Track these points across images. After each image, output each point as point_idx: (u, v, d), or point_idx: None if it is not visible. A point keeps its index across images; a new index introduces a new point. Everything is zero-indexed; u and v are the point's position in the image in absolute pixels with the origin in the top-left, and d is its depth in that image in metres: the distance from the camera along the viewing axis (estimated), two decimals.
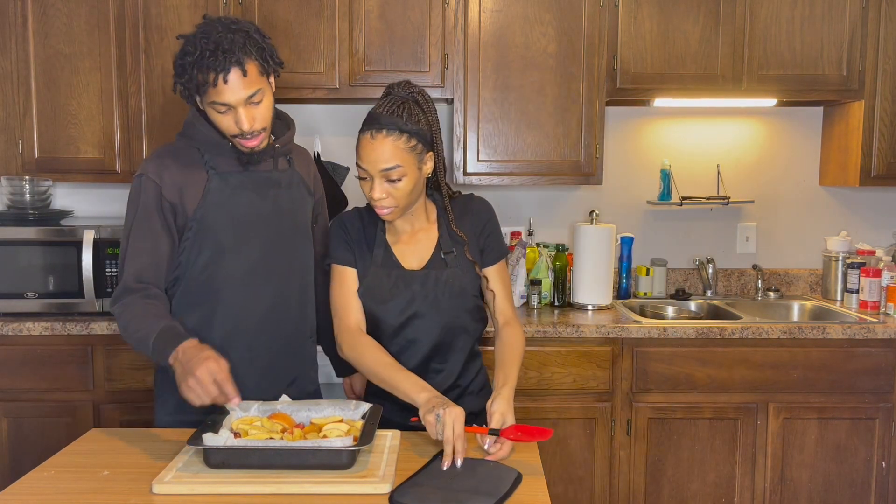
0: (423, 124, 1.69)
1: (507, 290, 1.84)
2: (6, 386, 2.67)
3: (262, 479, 1.41)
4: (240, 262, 1.82)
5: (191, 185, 1.79)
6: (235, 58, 1.66)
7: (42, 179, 2.91)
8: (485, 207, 1.85)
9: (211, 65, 1.65)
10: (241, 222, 1.81)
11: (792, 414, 2.71)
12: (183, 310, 1.83)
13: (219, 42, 1.66)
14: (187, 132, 1.83)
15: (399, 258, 1.78)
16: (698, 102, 3.14)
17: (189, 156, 1.81)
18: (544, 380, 2.67)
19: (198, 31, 1.71)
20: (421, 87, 1.74)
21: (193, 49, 1.67)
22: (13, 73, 2.84)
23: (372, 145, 1.65)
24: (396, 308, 1.75)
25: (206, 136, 1.80)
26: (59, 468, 1.53)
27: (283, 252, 1.87)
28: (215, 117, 1.74)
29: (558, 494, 2.70)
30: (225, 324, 1.83)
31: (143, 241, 1.76)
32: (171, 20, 2.83)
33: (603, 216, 3.25)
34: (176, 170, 1.79)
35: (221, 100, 1.69)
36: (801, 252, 3.35)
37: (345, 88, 2.87)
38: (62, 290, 2.74)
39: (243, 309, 1.83)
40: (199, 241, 1.79)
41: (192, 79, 1.69)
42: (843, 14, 2.91)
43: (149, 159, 1.82)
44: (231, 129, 1.74)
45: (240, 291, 1.82)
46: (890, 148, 2.96)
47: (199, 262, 1.81)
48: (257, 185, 1.83)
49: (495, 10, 2.86)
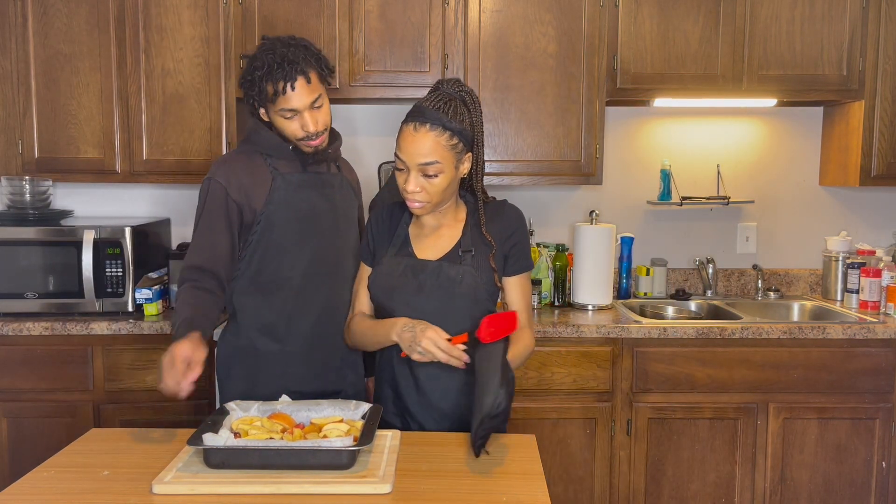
0: (466, 124, 1.69)
1: (526, 303, 1.83)
2: (6, 386, 2.67)
3: (262, 479, 1.41)
4: (306, 253, 1.97)
5: (257, 185, 1.95)
6: (300, 68, 1.88)
7: (42, 179, 2.91)
8: (516, 216, 1.83)
9: (279, 76, 1.87)
10: (303, 217, 1.98)
11: (792, 414, 2.71)
12: (253, 302, 1.98)
13: (284, 55, 1.87)
14: (251, 138, 2.01)
15: (415, 249, 1.79)
16: (698, 102, 3.14)
17: (253, 159, 1.99)
18: (544, 380, 2.67)
19: (262, 48, 1.92)
20: (470, 87, 1.75)
21: (262, 64, 1.88)
22: (13, 73, 2.84)
23: (413, 137, 1.67)
24: (403, 296, 1.74)
25: (268, 142, 1.98)
26: (59, 468, 1.53)
27: (339, 246, 2.03)
28: (283, 124, 1.94)
29: (558, 494, 2.70)
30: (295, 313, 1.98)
31: (205, 238, 1.93)
32: (171, 20, 2.83)
33: (603, 216, 3.25)
34: (242, 172, 1.96)
35: (290, 106, 1.89)
36: (801, 252, 3.35)
37: (345, 88, 2.87)
38: (62, 290, 2.74)
39: (309, 297, 1.98)
40: (266, 236, 1.95)
41: (263, 91, 1.90)
42: (843, 14, 2.91)
43: (216, 164, 1.99)
44: (297, 132, 1.93)
45: (307, 281, 1.98)
46: (890, 148, 2.97)
47: (268, 256, 1.96)
48: (316, 184, 2.02)
49: (495, 10, 2.86)
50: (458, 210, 1.82)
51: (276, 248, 1.96)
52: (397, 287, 1.75)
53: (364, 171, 3.24)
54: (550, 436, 2.69)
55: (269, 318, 1.98)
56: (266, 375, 1.98)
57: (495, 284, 1.77)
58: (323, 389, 1.98)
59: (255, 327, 1.99)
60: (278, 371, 1.98)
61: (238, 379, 2.01)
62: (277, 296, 1.98)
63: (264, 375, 1.98)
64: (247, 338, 2.00)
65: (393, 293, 1.75)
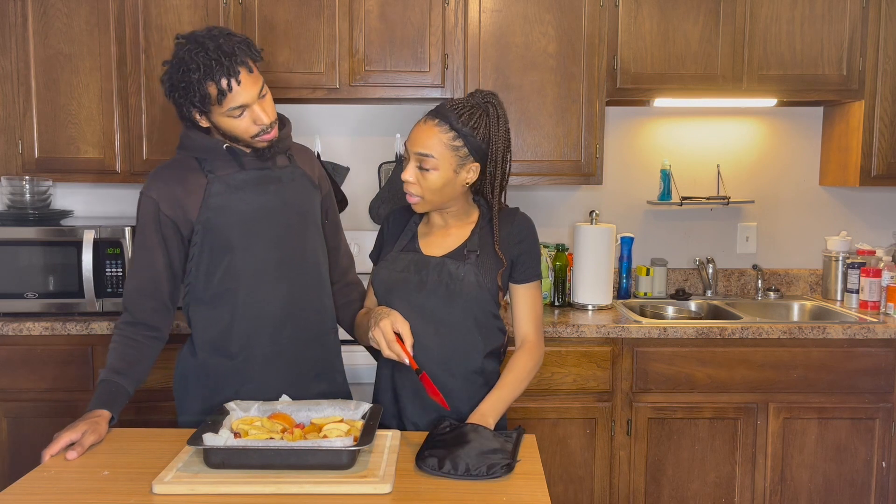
0: (479, 134, 1.68)
1: (534, 313, 1.79)
2: (6, 386, 2.67)
3: (262, 479, 1.41)
4: (251, 258, 1.84)
5: (190, 193, 1.81)
6: (239, 59, 1.71)
7: (42, 179, 2.91)
8: (526, 224, 1.80)
9: (220, 73, 1.69)
10: (246, 219, 1.83)
11: (792, 414, 2.71)
12: (202, 315, 1.86)
13: (218, 49, 1.69)
14: (184, 143, 1.86)
15: (422, 246, 1.79)
16: (698, 102, 3.14)
17: (188, 165, 1.84)
18: (544, 380, 2.67)
19: (185, 49, 1.71)
20: (503, 105, 1.73)
21: (196, 65, 1.69)
22: (13, 73, 2.84)
23: (420, 128, 1.69)
24: (404, 292, 1.73)
25: (201, 144, 1.83)
26: (59, 468, 1.53)
27: (295, 244, 1.89)
28: (232, 124, 1.77)
29: (558, 494, 2.70)
30: (245, 322, 1.85)
31: (140, 259, 1.83)
32: (171, 20, 2.83)
33: (603, 216, 3.25)
34: (174, 182, 1.82)
35: (238, 103, 1.73)
36: (801, 252, 3.35)
37: (345, 88, 2.87)
38: (62, 290, 2.74)
39: (262, 305, 1.85)
40: (208, 244, 1.82)
41: (205, 94, 1.71)
42: (843, 14, 2.91)
43: (151, 176, 1.85)
44: (250, 129, 1.77)
45: (256, 288, 1.84)
46: (890, 148, 2.96)
47: (212, 265, 1.83)
48: (258, 182, 1.85)
49: (495, 10, 2.86)
50: (470, 212, 1.80)
51: (218, 257, 1.82)
52: (399, 283, 1.75)
53: (364, 171, 3.25)
54: (550, 436, 2.69)
55: (218, 332, 1.84)
56: (221, 394, 1.84)
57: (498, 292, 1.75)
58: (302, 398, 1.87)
59: (207, 342, 1.86)
60: (233, 389, 1.85)
61: (194, 398, 1.88)
62: (225, 308, 1.84)
63: (220, 395, 1.84)
64: (201, 354, 1.86)
65: (394, 289, 1.75)
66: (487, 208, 1.79)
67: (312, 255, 1.92)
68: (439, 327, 1.72)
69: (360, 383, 2.54)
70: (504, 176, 1.74)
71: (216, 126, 1.79)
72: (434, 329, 1.72)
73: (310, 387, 1.91)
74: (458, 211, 1.78)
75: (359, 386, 2.44)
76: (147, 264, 1.82)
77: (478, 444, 1.52)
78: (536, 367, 1.78)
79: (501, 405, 1.70)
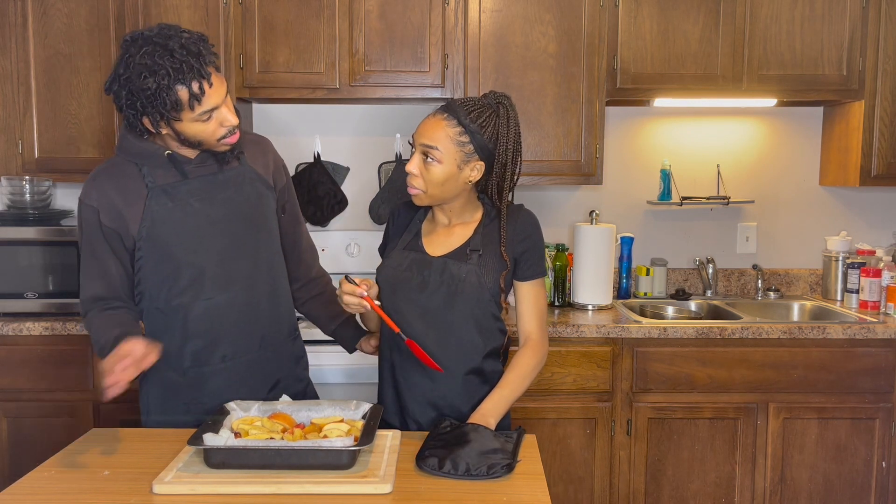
0: (487, 133, 1.68)
1: (537, 310, 1.78)
2: (6, 386, 2.67)
3: (262, 479, 1.41)
4: (198, 273, 1.76)
5: (129, 204, 1.72)
6: (207, 59, 1.62)
7: (42, 179, 2.91)
8: (530, 221, 1.78)
9: (191, 76, 1.59)
10: (190, 233, 1.74)
11: (792, 414, 2.71)
12: (153, 328, 1.80)
13: (184, 50, 1.59)
14: (123, 146, 1.76)
15: (425, 245, 1.78)
16: (698, 102, 3.14)
17: (127, 172, 1.74)
18: (544, 380, 2.67)
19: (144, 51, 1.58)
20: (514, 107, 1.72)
21: (163, 69, 1.56)
22: (13, 73, 2.84)
23: (428, 120, 1.70)
24: (406, 291, 1.73)
25: (140, 149, 1.72)
26: (59, 468, 1.53)
27: (244, 255, 1.80)
28: (199, 129, 1.66)
29: (558, 494, 2.70)
30: (195, 338, 1.78)
31: (93, 268, 1.75)
32: (171, 20, 2.82)
33: (603, 216, 3.25)
34: (114, 192, 1.72)
35: (209, 105, 1.63)
36: (801, 252, 3.35)
37: (345, 88, 2.87)
38: (62, 290, 2.74)
39: (211, 319, 1.78)
40: (152, 259, 1.75)
41: (175, 100, 1.59)
42: (843, 14, 2.91)
43: (88, 181, 1.75)
44: (217, 132, 1.68)
45: (204, 303, 1.77)
46: (890, 148, 2.96)
47: (157, 279, 1.76)
48: (204, 190, 1.76)
49: (495, 10, 2.86)
50: (474, 211, 1.80)
51: (163, 271, 1.75)
52: (402, 282, 1.75)
53: (364, 171, 3.25)
54: (550, 436, 2.69)
55: (168, 346, 1.74)
56: (173, 402, 1.81)
57: (500, 293, 1.75)
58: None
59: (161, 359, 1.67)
60: (183, 402, 1.80)
61: (156, 414, 1.84)
62: (174, 323, 1.77)
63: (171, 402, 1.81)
64: (156, 370, 1.74)
65: (397, 289, 1.75)
66: (492, 207, 1.78)
67: (265, 262, 1.85)
68: (440, 327, 1.72)
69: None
70: (511, 178, 1.72)
71: (179, 132, 1.67)
72: (435, 329, 1.72)
73: (266, 398, 1.84)
74: (462, 209, 1.78)
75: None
76: (100, 273, 1.74)
77: (478, 444, 1.52)
78: (540, 365, 1.77)
79: (503, 405, 1.70)
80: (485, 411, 1.67)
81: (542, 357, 1.78)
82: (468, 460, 1.48)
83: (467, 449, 1.50)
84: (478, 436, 1.55)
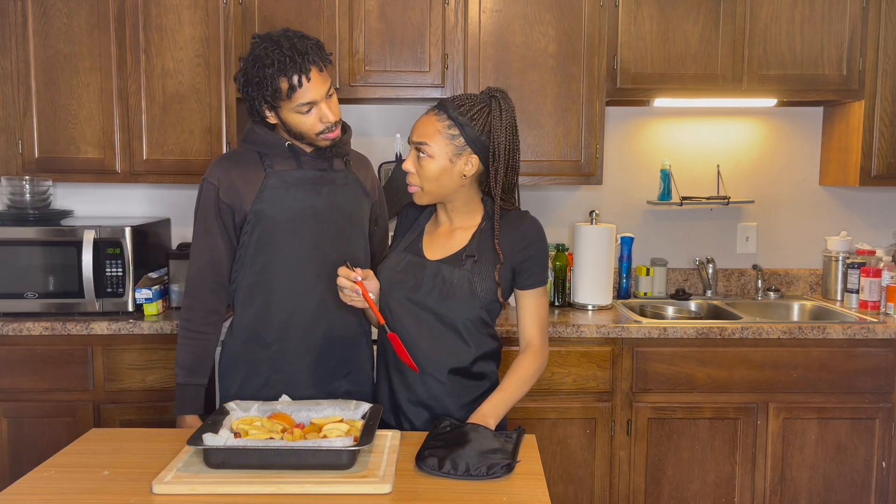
0: (477, 126, 1.68)
1: (538, 318, 1.78)
2: (6, 386, 2.67)
3: (262, 479, 1.41)
4: (293, 254, 1.93)
5: (247, 184, 1.92)
6: (311, 58, 1.83)
7: (42, 179, 2.91)
8: (534, 230, 1.77)
9: (293, 69, 1.81)
10: (294, 216, 1.93)
11: (792, 414, 2.71)
12: (243, 302, 1.96)
13: (292, 48, 1.82)
14: (249, 137, 1.97)
15: (425, 247, 1.79)
16: (698, 102, 3.14)
17: (249, 158, 1.96)
18: (544, 380, 2.67)
19: (262, 46, 1.84)
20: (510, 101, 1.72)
21: (271, 60, 1.81)
22: (13, 73, 2.84)
23: (420, 119, 1.74)
24: (402, 292, 1.75)
25: (265, 139, 1.94)
26: (59, 468, 1.53)
27: (336, 245, 1.97)
28: (299, 120, 1.87)
29: (558, 494, 2.71)
30: (280, 314, 1.94)
31: (203, 241, 1.95)
32: (171, 20, 2.83)
33: (603, 216, 3.25)
34: (235, 172, 1.93)
35: (307, 99, 1.84)
36: (801, 252, 3.35)
37: (345, 88, 2.87)
38: (62, 290, 2.74)
39: (297, 299, 1.94)
40: (256, 235, 1.92)
41: (276, 89, 1.82)
42: (843, 14, 2.91)
43: (213, 163, 1.97)
44: (316, 126, 1.88)
45: (293, 283, 1.93)
46: (890, 148, 2.97)
47: (257, 255, 1.93)
48: (312, 182, 1.95)
49: (495, 10, 2.86)
50: (477, 214, 1.80)
51: (263, 248, 1.93)
52: (397, 282, 1.76)
53: None
54: (550, 436, 2.69)
55: (256, 319, 1.95)
56: (253, 381, 1.96)
57: (496, 299, 1.74)
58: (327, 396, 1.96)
59: (245, 328, 1.97)
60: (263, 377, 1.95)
61: (233, 384, 1.98)
62: (263, 298, 1.94)
63: (251, 382, 1.96)
64: (238, 340, 1.97)
65: (392, 288, 1.76)
66: (492, 209, 1.77)
67: (353, 258, 1.96)
68: (432, 328, 1.74)
69: None
70: (507, 172, 1.72)
71: (284, 121, 1.89)
72: (428, 329, 1.74)
73: (336, 384, 1.99)
74: (463, 209, 1.78)
75: None
76: (209, 248, 1.93)
77: (478, 444, 1.52)
78: (539, 371, 1.77)
79: (503, 406, 1.70)
80: (485, 412, 1.67)
81: (543, 363, 1.78)
82: (468, 460, 1.48)
83: (467, 449, 1.50)
84: (477, 436, 1.55)
